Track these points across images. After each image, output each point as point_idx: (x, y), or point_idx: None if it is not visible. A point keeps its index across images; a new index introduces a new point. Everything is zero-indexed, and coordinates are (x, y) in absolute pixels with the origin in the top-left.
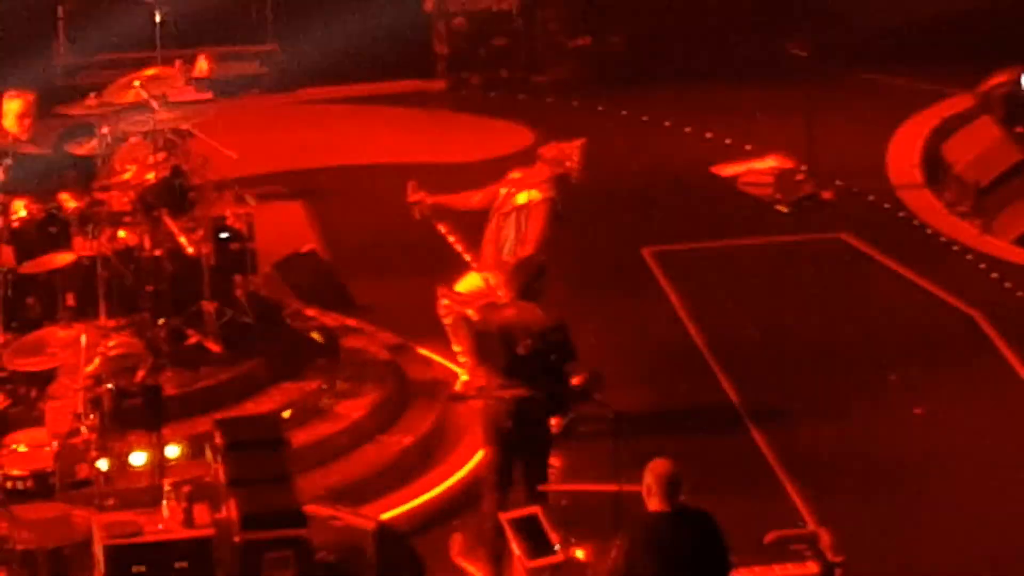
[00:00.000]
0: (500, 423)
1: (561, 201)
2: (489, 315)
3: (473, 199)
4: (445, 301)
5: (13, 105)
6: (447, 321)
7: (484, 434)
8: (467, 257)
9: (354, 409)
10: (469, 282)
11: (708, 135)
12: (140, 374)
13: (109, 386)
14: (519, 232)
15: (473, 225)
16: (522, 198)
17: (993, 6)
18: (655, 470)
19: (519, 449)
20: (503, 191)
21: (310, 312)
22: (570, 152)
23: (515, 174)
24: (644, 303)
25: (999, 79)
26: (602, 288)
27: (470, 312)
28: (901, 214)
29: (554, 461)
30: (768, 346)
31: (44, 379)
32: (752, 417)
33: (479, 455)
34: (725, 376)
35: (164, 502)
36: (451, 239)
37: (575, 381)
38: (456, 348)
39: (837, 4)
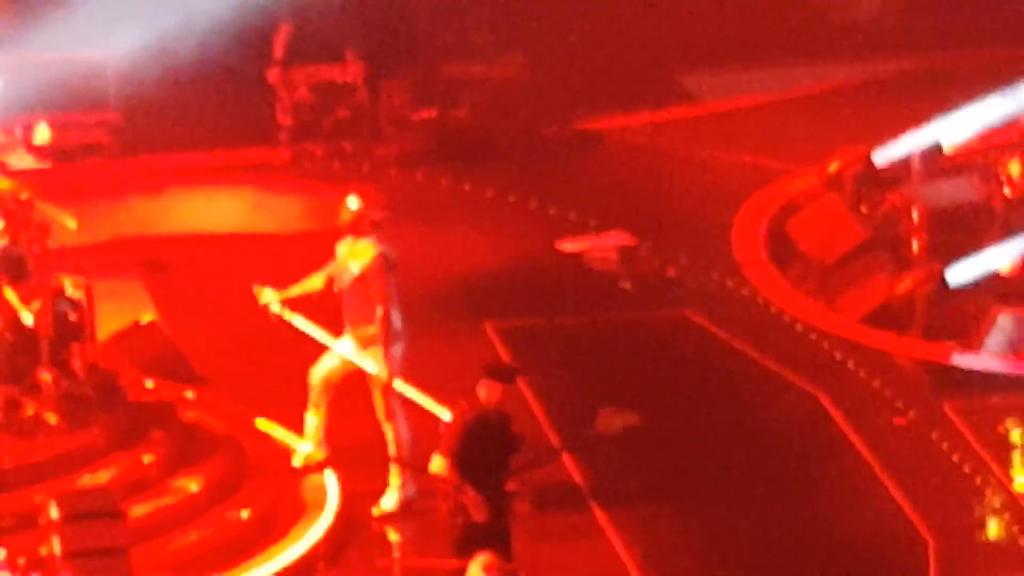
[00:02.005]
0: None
1: (387, 250)
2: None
3: (315, 282)
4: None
5: None
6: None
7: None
8: (327, 337)
9: (191, 482)
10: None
11: (552, 210)
12: None
13: None
14: (366, 297)
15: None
16: (355, 266)
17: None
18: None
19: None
20: (338, 266)
21: (149, 383)
22: (373, 202)
23: (340, 246)
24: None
25: (847, 158)
26: (444, 366)
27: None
28: (745, 291)
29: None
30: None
31: None
32: (594, 496)
33: (317, 530)
34: (571, 457)
35: None
36: (309, 328)
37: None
38: (309, 419)
39: (687, 81)
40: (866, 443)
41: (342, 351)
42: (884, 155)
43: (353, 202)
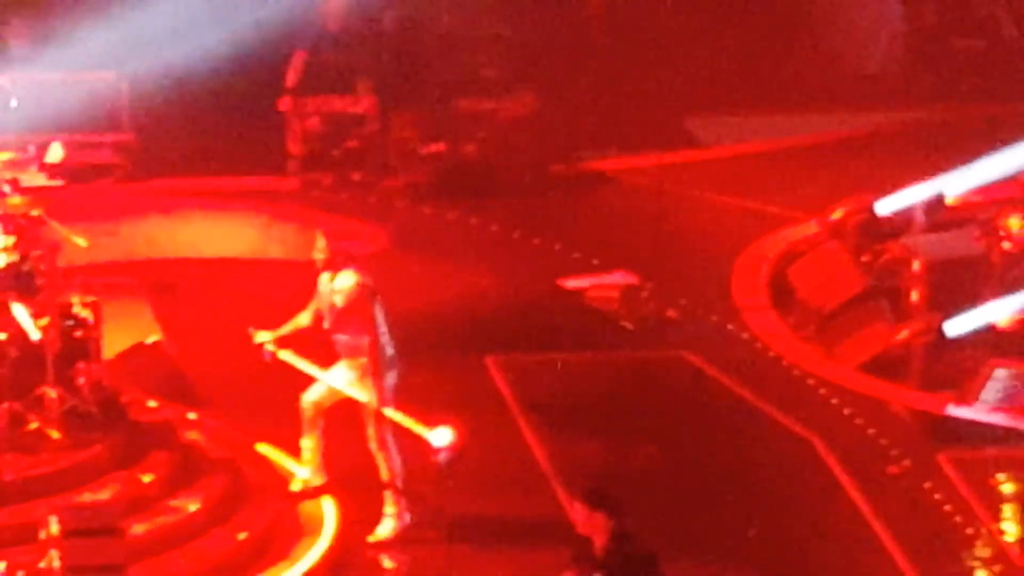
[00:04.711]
0: None
1: (367, 279)
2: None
3: (302, 320)
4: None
5: None
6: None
7: None
8: (319, 371)
9: (190, 502)
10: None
11: (556, 247)
12: None
13: None
14: (353, 329)
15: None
16: (339, 300)
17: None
18: None
19: None
20: (322, 301)
21: (151, 403)
22: (343, 236)
23: (322, 282)
24: (485, 413)
25: (850, 207)
26: (443, 398)
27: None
28: (744, 335)
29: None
30: (606, 463)
31: None
32: None
33: (312, 555)
34: (563, 493)
35: None
36: (301, 364)
37: None
38: (305, 444)
39: (694, 125)
40: (859, 490)
41: (333, 382)
42: (887, 205)
43: (321, 240)
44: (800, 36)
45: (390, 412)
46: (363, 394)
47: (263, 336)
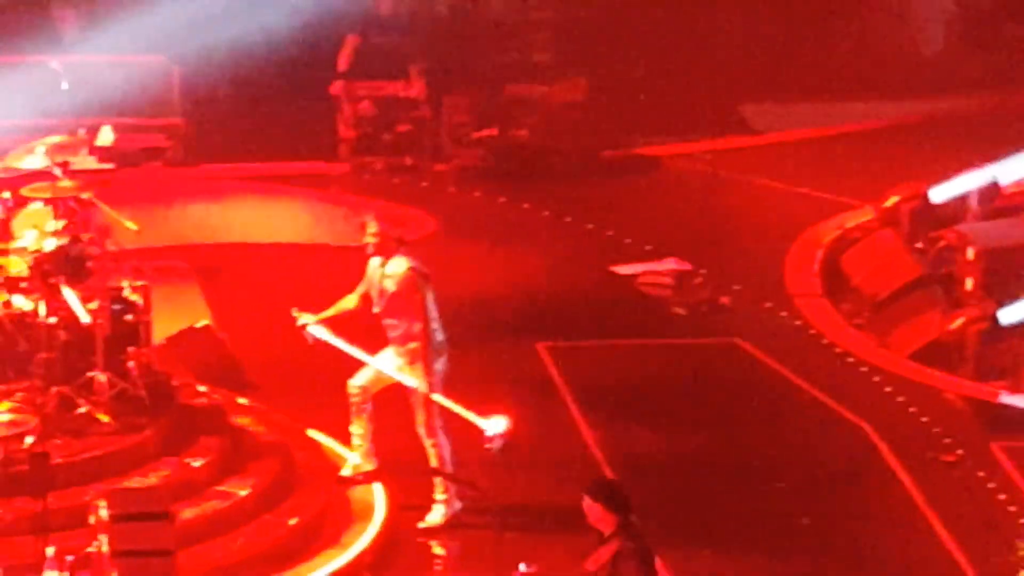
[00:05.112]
0: None
1: (419, 264)
2: None
3: (348, 303)
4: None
5: None
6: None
7: None
8: (365, 355)
9: (240, 487)
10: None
11: (608, 233)
12: (28, 441)
13: None
14: (404, 314)
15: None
16: (390, 285)
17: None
18: None
19: None
20: (372, 286)
21: (201, 387)
22: (393, 221)
23: (373, 266)
24: (536, 399)
25: (904, 194)
26: (494, 383)
27: None
28: (797, 322)
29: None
30: (658, 450)
31: None
32: (643, 522)
33: (362, 541)
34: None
35: (46, 570)
36: (346, 348)
37: None
38: (354, 430)
39: (747, 111)
40: (912, 478)
41: (381, 367)
42: (941, 192)
43: (372, 224)
44: (853, 22)
45: (441, 398)
46: (413, 380)
47: (306, 318)
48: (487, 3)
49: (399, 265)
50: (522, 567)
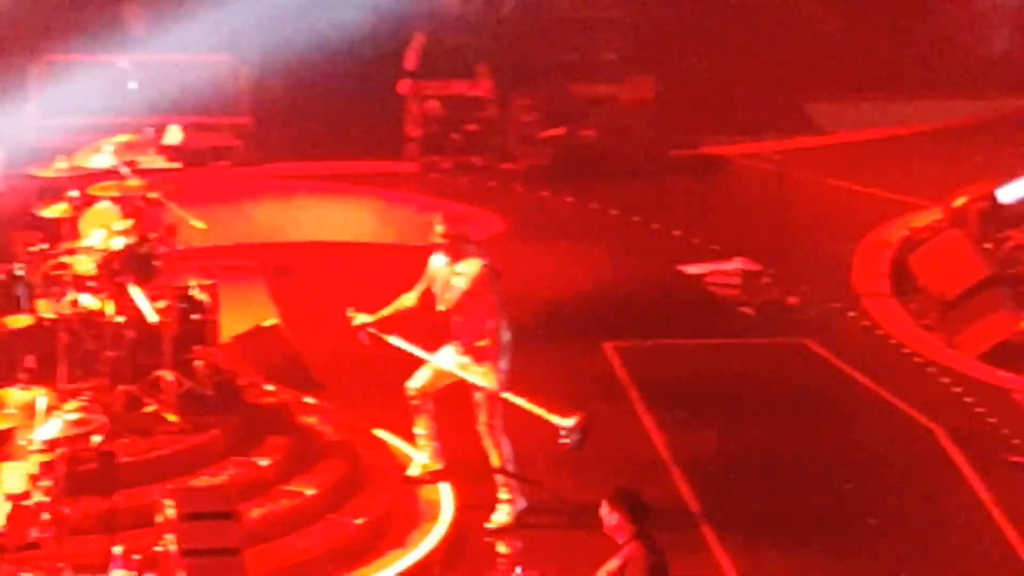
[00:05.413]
0: None
1: (490, 262)
2: None
3: (407, 301)
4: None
5: None
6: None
7: None
8: (425, 353)
9: (307, 486)
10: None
11: (676, 232)
12: (96, 440)
13: (64, 450)
14: (474, 312)
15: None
16: (461, 282)
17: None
18: None
19: None
20: (439, 284)
21: (268, 386)
22: (461, 219)
23: (435, 265)
24: (603, 398)
25: (973, 194)
26: (560, 382)
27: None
28: (865, 323)
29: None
30: (725, 450)
31: None
32: (708, 524)
33: (429, 540)
34: (682, 479)
35: (113, 569)
36: (405, 346)
37: None
38: (418, 431)
39: (815, 110)
40: (980, 479)
41: (444, 365)
42: (1009, 193)
43: (441, 224)
44: (922, 21)
45: (512, 396)
46: (481, 378)
47: (362, 318)
48: (555, 2)
49: (472, 263)
50: (518, 571)
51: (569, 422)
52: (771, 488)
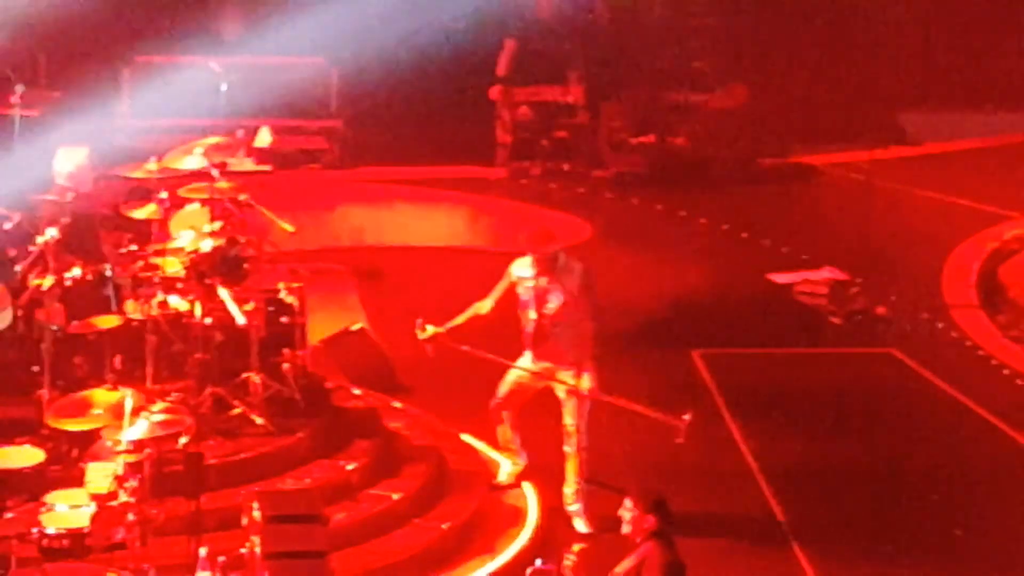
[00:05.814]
0: None
1: (588, 268)
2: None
3: (482, 308)
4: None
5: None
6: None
7: None
8: (502, 359)
9: (393, 491)
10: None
11: (765, 241)
12: (182, 441)
13: (150, 451)
14: (571, 319)
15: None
16: (562, 288)
17: None
18: None
19: None
20: (527, 290)
21: (355, 390)
22: (549, 233)
23: (524, 269)
24: (691, 406)
25: None
26: (649, 391)
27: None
28: (954, 334)
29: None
30: (812, 460)
31: (86, 439)
32: (795, 534)
33: (515, 546)
34: (769, 489)
35: (198, 571)
36: (483, 355)
37: None
38: (502, 435)
39: (906, 121)
40: None
41: (530, 369)
42: None
43: (530, 243)
44: (1013, 32)
45: (613, 399)
46: (581, 381)
47: (432, 330)
48: (647, 9)
49: (573, 268)
50: (538, 562)
51: (685, 418)
52: (857, 499)
